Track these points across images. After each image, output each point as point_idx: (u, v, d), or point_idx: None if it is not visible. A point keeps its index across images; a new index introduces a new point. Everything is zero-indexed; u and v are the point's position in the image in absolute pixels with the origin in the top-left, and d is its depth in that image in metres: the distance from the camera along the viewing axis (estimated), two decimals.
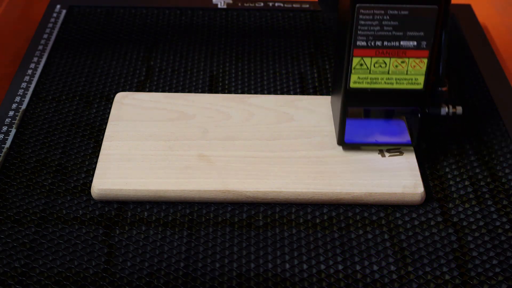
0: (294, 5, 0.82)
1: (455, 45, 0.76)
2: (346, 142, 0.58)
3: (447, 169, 0.59)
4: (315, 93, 0.68)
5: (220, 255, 0.52)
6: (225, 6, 0.81)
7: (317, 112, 0.63)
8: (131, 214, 0.55)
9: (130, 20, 0.78)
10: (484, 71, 0.71)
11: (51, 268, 0.50)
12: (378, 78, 0.54)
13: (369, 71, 0.54)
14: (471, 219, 0.55)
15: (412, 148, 0.59)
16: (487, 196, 0.57)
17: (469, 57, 0.73)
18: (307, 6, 0.82)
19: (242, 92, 0.68)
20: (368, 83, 0.55)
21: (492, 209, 0.56)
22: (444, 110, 0.57)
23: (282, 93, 0.68)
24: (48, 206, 0.55)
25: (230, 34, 0.77)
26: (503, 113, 0.66)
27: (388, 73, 0.54)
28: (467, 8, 0.82)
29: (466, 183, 0.58)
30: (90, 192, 0.56)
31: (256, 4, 0.82)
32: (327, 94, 0.68)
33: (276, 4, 0.82)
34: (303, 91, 0.68)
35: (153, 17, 0.79)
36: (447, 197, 0.57)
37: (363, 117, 0.59)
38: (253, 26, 0.78)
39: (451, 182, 0.58)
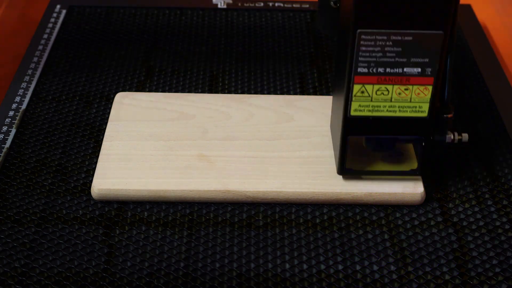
0: (294, 5, 0.82)
1: (455, 45, 0.76)
2: (347, 172, 0.55)
3: (447, 169, 0.59)
4: (315, 93, 0.68)
5: (220, 255, 0.52)
6: (225, 6, 0.81)
7: (317, 112, 0.63)
8: (131, 214, 0.55)
9: (130, 20, 0.78)
10: (484, 71, 0.71)
11: (51, 268, 0.50)
12: (380, 106, 0.52)
13: (371, 99, 0.51)
14: (471, 219, 0.55)
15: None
16: (487, 196, 0.57)
17: (469, 57, 0.73)
18: (307, 6, 0.82)
19: (242, 92, 0.68)
20: (369, 111, 0.52)
21: (492, 209, 0.56)
22: (449, 138, 0.55)
23: (282, 93, 0.68)
24: (48, 206, 0.55)
25: (230, 34, 0.77)
26: (503, 113, 0.66)
27: (391, 100, 0.51)
28: (467, 8, 0.82)
29: (466, 183, 0.58)
30: (90, 192, 0.56)
31: (256, 4, 0.82)
32: (327, 94, 0.68)
33: (276, 4, 0.82)
34: (303, 91, 0.68)
35: (153, 17, 0.79)
36: (447, 197, 0.57)
37: (364, 146, 0.55)
38: (253, 26, 0.78)
39: (451, 182, 0.58)
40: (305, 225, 0.54)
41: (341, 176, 0.56)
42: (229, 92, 0.68)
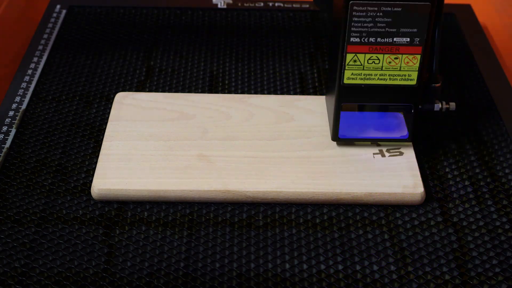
0: (294, 5, 0.82)
1: (455, 45, 0.76)
2: (340, 138, 0.58)
3: (447, 169, 0.59)
4: (315, 93, 0.68)
5: (220, 255, 0.52)
6: (225, 6, 0.81)
7: (317, 112, 0.63)
8: (131, 214, 0.55)
9: (130, 20, 0.78)
10: (484, 71, 0.71)
11: (51, 268, 0.50)
12: (371, 74, 0.55)
13: (363, 67, 0.54)
14: (471, 219, 0.55)
15: (412, 148, 0.59)
16: (487, 196, 0.57)
17: (469, 57, 0.73)
18: (307, 6, 0.82)
19: (242, 92, 0.68)
20: (361, 79, 0.55)
21: (492, 209, 0.56)
22: (437, 106, 0.58)
23: (282, 93, 0.68)
24: (48, 206, 0.55)
25: (230, 34, 0.77)
26: (503, 113, 0.66)
27: (382, 69, 0.55)
28: (467, 8, 0.82)
29: (466, 183, 0.58)
30: (90, 192, 0.56)
31: (256, 4, 0.82)
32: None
33: (276, 4, 0.82)
34: (303, 91, 0.68)
35: (153, 17, 0.79)
36: (447, 197, 0.57)
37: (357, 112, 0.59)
38: (253, 26, 0.78)
39: (451, 182, 0.58)
40: (305, 225, 0.54)
41: (341, 176, 0.56)
42: (229, 92, 0.68)
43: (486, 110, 0.66)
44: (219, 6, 0.81)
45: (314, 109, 0.63)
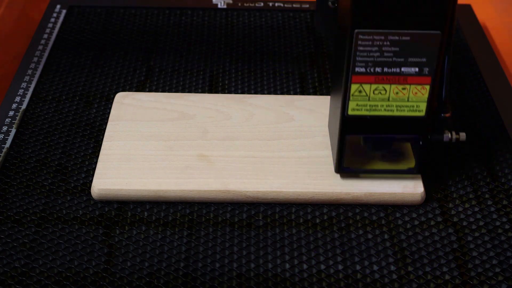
0: (294, 5, 0.82)
1: (455, 45, 0.76)
2: (344, 171, 0.56)
3: (447, 169, 0.59)
4: (315, 93, 0.68)
5: (220, 255, 0.52)
6: (225, 6, 0.81)
7: (317, 112, 0.63)
8: (131, 214, 0.55)
9: (130, 20, 0.78)
10: (484, 71, 0.71)
11: (51, 268, 0.50)
12: (377, 105, 0.52)
13: (368, 98, 0.51)
14: (471, 219, 0.55)
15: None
16: (487, 196, 0.57)
17: (469, 57, 0.73)
18: (307, 6, 0.82)
19: (242, 92, 0.68)
20: (367, 110, 0.52)
21: (492, 209, 0.56)
22: (446, 137, 0.55)
23: (282, 93, 0.68)
24: (48, 206, 0.55)
25: (230, 34, 0.77)
26: (503, 113, 0.66)
27: (389, 100, 0.52)
28: (467, 8, 0.82)
29: (466, 183, 0.58)
30: (90, 192, 0.56)
31: (256, 4, 0.82)
32: (327, 94, 0.68)
33: (276, 4, 0.82)
34: (303, 91, 0.68)
35: (153, 17, 0.79)
36: (447, 197, 0.57)
37: (361, 145, 0.55)
38: (253, 26, 0.78)
39: (451, 182, 0.58)
40: (305, 225, 0.54)
41: (341, 176, 0.56)
42: (229, 92, 0.68)
43: (486, 110, 0.66)
44: (219, 6, 0.81)
45: (314, 109, 0.63)
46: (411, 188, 0.56)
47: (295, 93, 0.68)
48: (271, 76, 0.71)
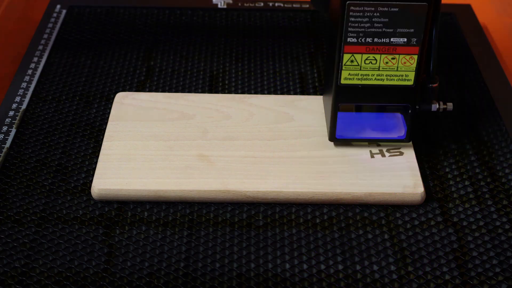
0: (294, 5, 0.82)
1: (455, 45, 0.76)
2: (337, 138, 0.58)
3: (447, 169, 0.59)
4: (315, 93, 0.68)
5: (220, 255, 0.52)
6: (225, 6, 0.81)
7: (317, 112, 0.63)
8: (131, 214, 0.55)
9: (130, 20, 0.78)
10: (484, 71, 0.71)
11: (51, 268, 0.50)
12: (368, 75, 0.55)
13: (360, 68, 0.54)
14: (471, 219, 0.55)
15: (412, 148, 0.59)
16: (487, 196, 0.57)
17: (469, 57, 0.73)
18: (307, 6, 0.82)
19: (242, 92, 0.68)
20: (358, 79, 0.55)
21: (492, 209, 0.56)
22: (435, 107, 0.58)
23: (282, 93, 0.68)
24: (48, 206, 0.55)
25: (230, 34, 0.77)
26: (503, 113, 0.66)
27: (379, 69, 0.55)
28: (467, 8, 0.82)
29: (466, 183, 0.58)
30: (90, 192, 0.56)
31: (256, 4, 0.82)
32: None
33: (276, 4, 0.82)
34: (303, 91, 0.68)
35: (153, 17, 0.79)
36: (447, 197, 0.57)
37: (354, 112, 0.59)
38: (253, 26, 0.78)
39: (451, 182, 0.58)
40: (305, 225, 0.54)
41: (341, 176, 0.56)
42: (229, 92, 0.68)
43: (486, 110, 0.66)
44: (219, 6, 0.81)
45: (314, 109, 0.63)
46: (411, 188, 0.56)
47: (295, 93, 0.68)
48: (271, 76, 0.71)
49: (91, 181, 0.57)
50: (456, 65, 0.72)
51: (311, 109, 0.63)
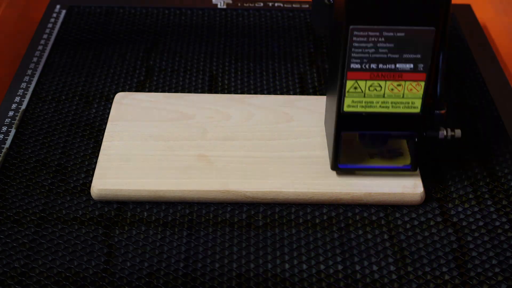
0: (294, 5, 0.82)
1: (455, 45, 0.76)
2: (340, 168, 0.56)
3: (447, 169, 0.59)
4: (315, 93, 0.68)
5: (220, 255, 0.52)
6: (225, 6, 0.81)
7: (317, 112, 0.63)
8: (130, 214, 0.55)
9: (130, 20, 0.78)
10: (484, 71, 0.71)
11: (51, 268, 0.50)
12: (373, 102, 0.52)
13: (364, 95, 0.52)
14: (471, 219, 0.55)
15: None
16: (486, 196, 0.57)
17: (469, 57, 0.73)
18: (307, 6, 0.82)
19: (242, 92, 0.68)
20: (362, 106, 0.52)
21: (492, 209, 0.56)
22: (442, 134, 0.55)
23: (282, 93, 0.68)
24: (47, 206, 0.55)
25: (230, 34, 0.77)
26: (503, 113, 0.66)
27: (384, 96, 0.52)
28: (467, 8, 0.82)
29: (466, 183, 0.58)
30: (90, 192, 0.56)
31: (256, 4, 0.82)
32: None
33: (276, 4, 0.82)
34: (303, 91, 0.68)
35: (153, 17, 0.79)
36: (446, 197, 0.57)
37: (357, 143, 0.56)
38: (253, 26, 0.78)
39: (450, 182, 0.58)
40: (305, 225, 0.54)
41: (341, 176, 0.56)
42: (229, 92, 0.68)
43: (486, 110, 0.66)
44: (219, 6, 0.81)
45: (314, 109, 0.63)
46: (410, 188, 0.55)
47: (295, 93, 0.68)
48: (271, 76, 0.71)
49: (91, 181, 0.57)
50: (456, 65, 0.72)
51: (310, 109, 0.63)
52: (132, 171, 0.56)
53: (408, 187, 0.56)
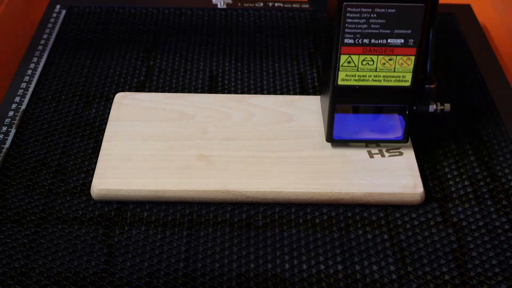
0: (294, 5, 0.82)
1: (455, 45, 0.76)
2: (334, 139, 0.58)
3: (447, 169, 0.59)
4: (314, 93, 0.68)
5: (220, 255, 0.52)
6: (225, 6, 0.81)
7: (317, 112, 0.63)
8: (130, 214, 0.55)
9: (130, 20, 0.78)
10: (484, 71, 0.71)
11: (51, 268, 0.50)
12: (366, 76, 0.55)
13: (357, 69, 0.54)
14: (471, 219, 0.55)
15: (411, 148, 0.59)
16: (486, 196, 0.57)
17: (469, 57, 0.73)
18: (307, 6, 0.82)
19: (242, 92, 0.68)
20: (356, 80, 0.55)
21: (492, 209, 0.56)
22: (432, 107, 0.57)
23: (282, 93, 0.68)
24: (47, 206, 0.55)
25: (230, 34, 0.77)
26: (503, 113, 0.66)
27: (376, 70, 0.54)
28: (467, 8, 0.82)
29: (466, 183, 0.58)
30: (89, 192, 0.56)
31: (256, 4, 0.82)
32: None
33: (276, 4, 0.82)
34: (303, 91, 0.68)
35: (153, 17, 0.79)
36: (446, 197, 0.57)
37: (352, 113, 0.59)
38: (253, 26, 0.78)
39: (451, 182, 0.58)
40: (305, 225, 0.54)
41: (341, 176, 0.56)
42: (229, 92, 0.68)
43: (486, 110, 0.66)
44: (218, 6, 0.81)
45: (313, 109, 0.63)
46: (410, 188, 0.56)
47: (295, 93, 0.68)
48: (271, 76, 0.71)
49: (91, 181, 0.57)
50: (456, 65, 0.72)
51: (310, 109, 0.63)
52: (132, 171, 0.56)
53: (408, 187, 0.56)
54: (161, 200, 0.55)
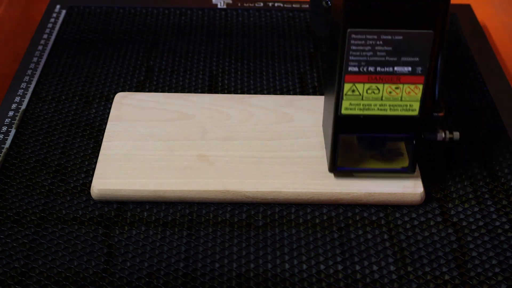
0: (294, 5, 0.82)
1: (455, 45, 0.76)
2: (338, 170, 0.56)
3: (447, 169, 0.59)
4: (314, 93, 0.68)
5: (220, 255, 0.52)
6: (225, 6, 0.81)
7: (317, 112, 0.63)
8: (130, 214, 0.55)
9: (130, 20, 0.78)
10: (484, 71, 0.71)
11: (51, 268, 0.50)
12: (371, 105, 0.52)
13: (362, 97, 0.51)
14: (471, 219, 0.55)
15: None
16: (486, 196, 0.57)
17: (469, 57, 0.73)
18: (307, 6, 0.82)
19: (242, 92, 0.68)
20: (360, 109, 0.52)
21: (492, 209, 0.56)
22: (440, 136, 0.55)
23: (282, 93, 0.68)
24: (47, 206, 0.55)
25: (229, 34, 0.77)
26: (503, 113, 0.66)
27: (382, 99, 0.52)
28: (467, 8, 0.82)
29: (466, 183, 0.58)
30: (89, 192, 0.56)
31: (256, 4, 0.82)
32: None
33: (276, 4, 0.82)
34: (303, 91, 0.68)
35: (153, 17, 0.79)
36: (446, 197, 0.57)
37: (355, 144, 0.56)
38: (253, 26, 0.78)
39: (450, 182, 0.58)
40: (304, 225, 0.54)
41: (341, 176, 0.56)
42: (229, 92, 0.68)
43: (486, 110, 0.66)
44: (218, 6, 0.81)
45: (314, 109, 0.63)
46: (410, 188, 0.55)
47: (295, 93, 0.68)
48: (271, 76, 0.71)
49: (91, 181, 0.57)
50: (456, 65, 0.72)
51: (310, 109, 0.63)
52: (132, 171, 0.56)
53: (408, 187, 0.56)
54: (161, 200, 0.55)
